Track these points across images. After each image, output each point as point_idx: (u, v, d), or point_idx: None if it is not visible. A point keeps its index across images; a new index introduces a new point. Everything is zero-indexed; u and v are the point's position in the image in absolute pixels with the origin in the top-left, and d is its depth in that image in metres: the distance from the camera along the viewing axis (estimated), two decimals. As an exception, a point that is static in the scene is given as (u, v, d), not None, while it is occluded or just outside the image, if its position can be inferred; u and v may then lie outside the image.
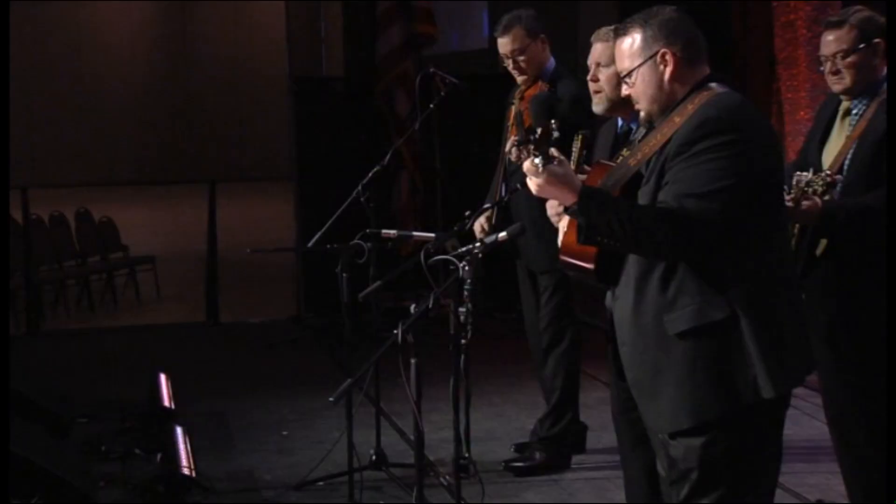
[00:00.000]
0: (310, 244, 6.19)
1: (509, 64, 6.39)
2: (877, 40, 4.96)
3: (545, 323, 6.39)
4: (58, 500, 5.49)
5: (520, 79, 6.40)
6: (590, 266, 3.79)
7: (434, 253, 5.09)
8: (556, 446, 6.43)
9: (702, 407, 3.62)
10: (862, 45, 4.94)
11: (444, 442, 6.93)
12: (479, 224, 6.33)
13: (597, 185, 3.75)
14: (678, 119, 3.69)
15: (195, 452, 6.33)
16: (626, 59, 3.78)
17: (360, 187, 6.18)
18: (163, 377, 7.29)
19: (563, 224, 3.91)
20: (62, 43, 24.82)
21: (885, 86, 4.97)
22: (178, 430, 6.36)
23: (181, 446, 6.14)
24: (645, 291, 3.67)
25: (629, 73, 3.77)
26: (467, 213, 4.99)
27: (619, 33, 3.84)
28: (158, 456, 6.56)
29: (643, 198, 3.67)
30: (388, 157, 6.20)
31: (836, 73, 4.97)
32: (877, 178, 4.81)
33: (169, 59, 26.25)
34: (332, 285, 10.23)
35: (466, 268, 4.16)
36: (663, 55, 3.70)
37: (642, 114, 3.84)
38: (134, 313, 11.77)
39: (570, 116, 6.05)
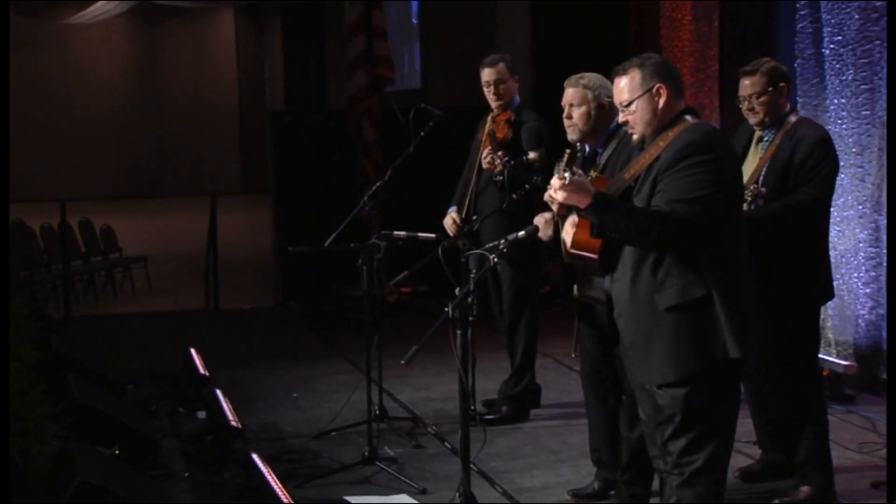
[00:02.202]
0: (327, 243, 6.23)
1: (490, 90, 6.53)
2: (781, 84, 5.28)
3: (508, 305, 6.57)
4: (134, 447, 5.58)
5: (495, 105, 6.54)
6: (595, 257, 4.04)
7: (449, 250, 5.31)
8: (518, 402, 6.64)
9: (684, 364, 3.87)
10: (770, 89, 5.25)
11: (425, 400, 7.16)
12: (451, 218, 6.49)
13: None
14: (662, 143, 3.95)
15: (229, 410, 6.44)
16: (627, 91, 3.98)
17: (365, 198, 6.27)
18: (193, 351, 7.39)
19: (568, 227, 4.13)
20: (52, 74, 24.50)
21: (789, 118, 5.28)
22: (218, 392, 6.46)
23: (224, 404, 6.24)
24: (639, 275, 3.92)
25: (630, 103, 3.97)
26: (474, 217, 5.19)
27: (619, 72, 4.03)
28: (199, 413, 6.70)
29: (638, 203, 3.94)
30: (388, 174, 6.30)
31: (752, 109, 5.27)
32: (783, 191, 5.14)
33: (140, 88, 26.05)
34: (303, 278, 10.47)
35: (495, 259, 4.34)
36: (658, 89, 3.95)
37: (635, 137, 4.03)
38: (134, 303, 11.70)
39: (529, 138, 6.33)
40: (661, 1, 8.80)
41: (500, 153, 6.22)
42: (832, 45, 7.07)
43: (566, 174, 3.80)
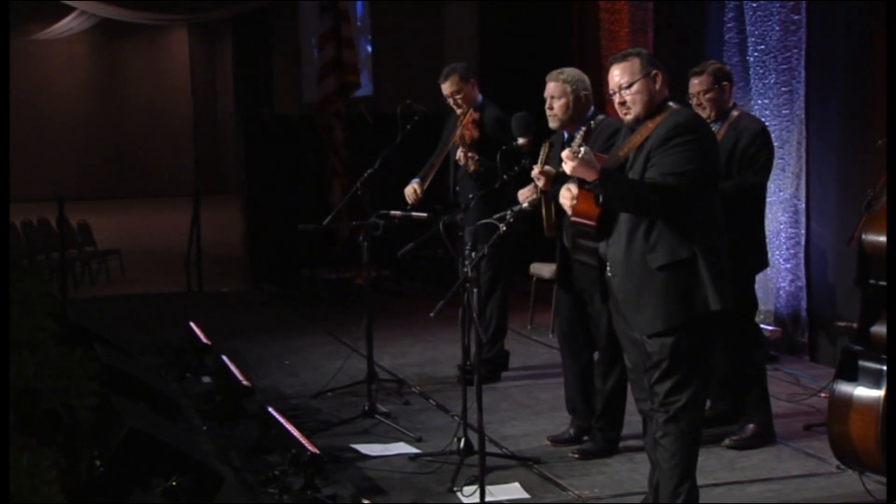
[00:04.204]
0: (324, 222, 6.31)
1: (450, 101, 6.68)
2: (724, 83, 5.49)
3: (484, 280, 6.65)
4: (159, 404, 5.58)
5: (458, 111, 6.70)
6: (593, 224, 4.19)
7: (450, 224, 5.42)
8: (491, 366, 6.75)
9: (672, 315, 4.02)
10: (715, 87, 5.46)
11: (403, 366, 7.23)
12: (413, 188, 6.54)
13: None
14: (651, 125, 4.10)
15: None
16: (629, 74, 4.09)
17: (358, 184, 6.32)
18: (193, 324, 7.40)
19: (566, 201, 4.28)
20: (16, 86, 24.01)
21: (732, 112, 5.48)
22: (224, 357, 6.49)
23: (232, 368, 6.27)
24: (634, 239, 4.07)
25: (631, 84, 4.08)
26: (470, 195, 5.29)
27: (618, 59, 4.15)
28: (205, 379, 6.72)
29: (632, 177, 4.09)
30: (378, 162, 6.34)
31: (700, 105, 5.48)
32: (727, 175, 5.24)
33: (100, 99, 25.66)
34: (274, 264, 10.50)
35: (503, 229, 4.45)
36: (656, 75, 4.11)
37: (629, 117, 4.14)
38: (120, 288, 11.58)
39: (495, 131, 6.46)
40: (600, 13, 8.99)
41: (470, 154, 6.37)
42: (756, 53, 7.32)
43: (581, 148, 3.95)
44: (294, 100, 17.18)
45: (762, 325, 7.08)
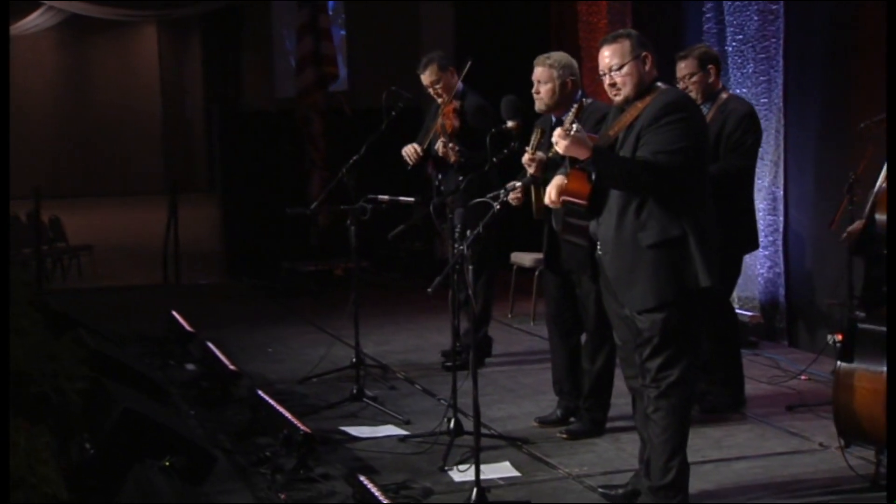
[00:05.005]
0: (313, 206, 6.34)
1: (430, 91, 6.72)
2: (710, 66, 5.58)
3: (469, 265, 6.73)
4: (147, 389, 5.59)
5: (438, 100, 6.75)
6: (584, 202, 4.24)
7: (440, 206, 5.48)
8: (476, 351, 6.81)
9: (662, 292, 4.07)
10: (701, 70, 5.56)
11: (387, 353, 7.24)
12: (413, 148, 6.53)
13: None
14: (641, 105, 4.16)
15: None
16: (619, 56, 4.13)
17: (343, 170, 6.32)
18: (175, 313, 7.41)
19: (557, 180, 4.34)
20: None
21: (721, 95, 5.58)
22: (210, 344, 6.51)
23: (218, 353, 6.29)
24: (624, 218, 4.12)
25: (622, 66, 4.13)
26: (461, 177, 5.35)
27: (608, 41, 4.19)
28: (188, 366, 6.73)
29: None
30: (363, 149, 6.36)
31: (686, 88, 5.57)
32: (715, 157, 5.34)
33: (69, 96, 25.50)
34: (250, 255, 10.50)
35: (497, 207, 4.50)
36: (646, 56, 4.16)
37: (619, 98, 4.18)
38: (95, 282, 11.54)
39: (476, 120, 6.52)
40: (578, 5, 9.06)
41: (451, 145, 6.40)
42: (734, 43, 7.42)
43: (573, 125, 4.00)
44: (265, 94, 17.18)
45: (741, 311, 7.23)
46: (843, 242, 5.07)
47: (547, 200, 4.38)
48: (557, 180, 4.33)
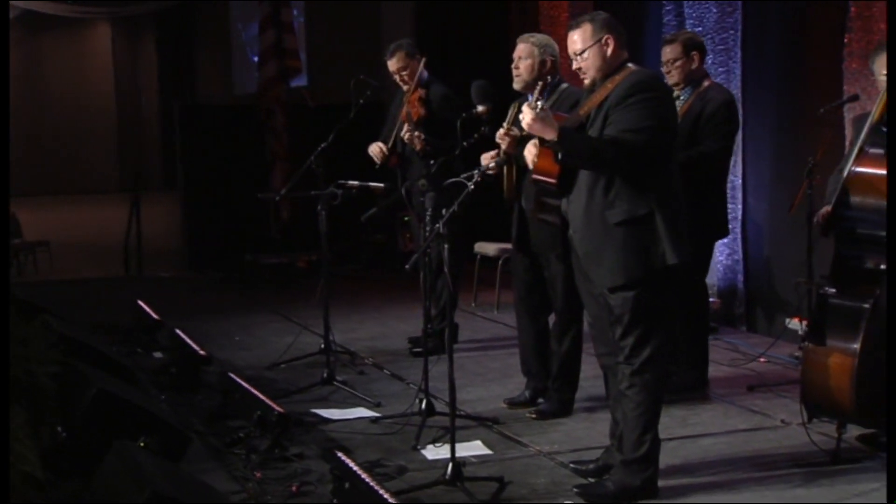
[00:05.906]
0: (283, 192, 6.35)
1: (396, 78, 6.77)
2: (694, 52, 5.69)
3: (435, 254, 6.73)
4: (118, 374, 5.58)
5: (404, 87, 6.79)
6: (554, 181, 4.32)
7: (411, 190, 5.52)
8: (441, 338, 6.85)
9: (631, 270, 4.15)
10: (684, 55, 5.67)
11: (353, 340, 7.27)
12: (378, 147, 6.57)
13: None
14: (610, 85, 4.23)
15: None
16: (581, 42, 4.22)
17: (312, 158, 6.33)
18: (141, 302, 7.40)
19: (530, 155, 4.41)
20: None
21: (703, 82, 5.69)
22: (178, 331, 6.50)
23: (188, 340, 6.29)
24: (593, 196, 4.18)
25: (583, 51, 4.23)
26: (431, 161, 5.39)
27: (573, 26, 4.28)
28: (156, 354, 6.72)
29: (592, 135, 4.23)
30: (331, 137, 6.38)
31: (669, 72, 5.68)
32: (691, 143, 5.49)
33: (21, 94, 25.18)
34: (212, 249, 10.48)
35: (472, 187, 4.54)
36: (607, 40, 4.23)
37: (586, 81, 4.28)
38: (54, 275, 11.44)
39: (441, 109, 6.58)
40: (539, 3, 9.16)
41: (417, 133, 6.45)
42: (694, 35, 7.55)
43: (539, 103, 4.08)
44: (221, 90, 17.12)
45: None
46: (816, 226, 5.17)
47: (528, 161, 4.41)
48: (531, 145, 4.37)
